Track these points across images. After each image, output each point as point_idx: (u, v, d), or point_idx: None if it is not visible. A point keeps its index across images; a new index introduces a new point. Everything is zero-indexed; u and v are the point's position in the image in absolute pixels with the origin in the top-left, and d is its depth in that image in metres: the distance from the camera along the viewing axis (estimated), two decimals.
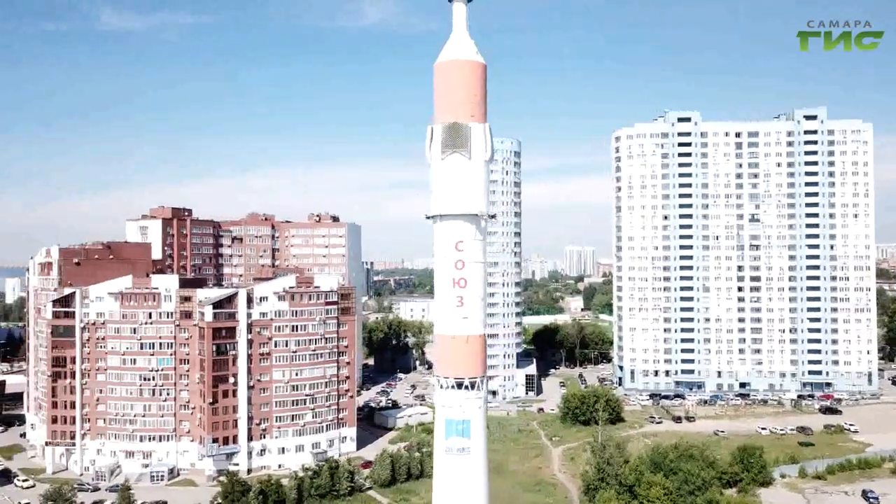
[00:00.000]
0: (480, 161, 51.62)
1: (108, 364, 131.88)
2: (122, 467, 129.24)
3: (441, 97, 51.83)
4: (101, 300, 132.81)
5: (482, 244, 52.54)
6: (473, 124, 51.09)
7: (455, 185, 51.51)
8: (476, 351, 52.33)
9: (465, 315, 51.39)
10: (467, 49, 52.58)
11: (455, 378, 52.67)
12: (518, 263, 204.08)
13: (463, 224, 51.43)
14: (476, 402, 51.86)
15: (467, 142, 50.48)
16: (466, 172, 51.44)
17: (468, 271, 51.08)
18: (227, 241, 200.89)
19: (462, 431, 51.28)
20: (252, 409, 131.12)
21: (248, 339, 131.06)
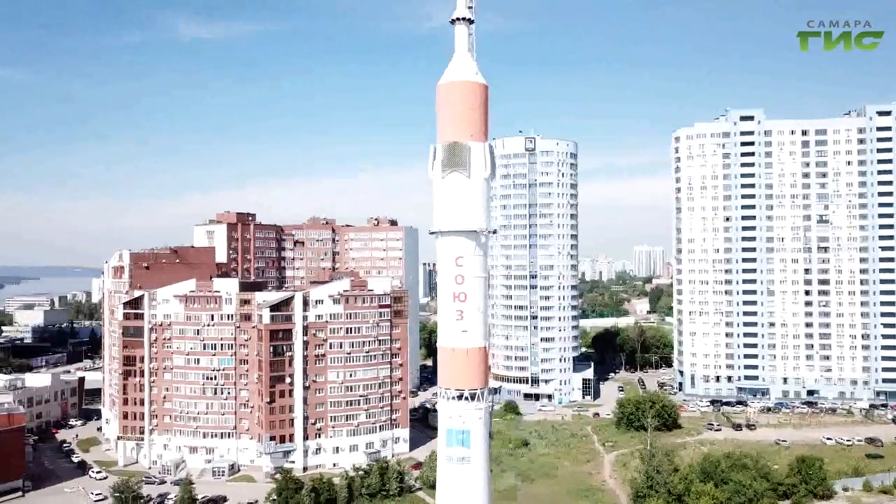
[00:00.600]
0: (480, 179, 52.86)
1: (174, 363, 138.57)
2: (186, 462, 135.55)
3: (442, 117, 53.41)
4: (167, 302, 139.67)
5: (482, 259, 53.78)
6: (473, 143, 52.33)
7: (455, 203, 53.04)
8: (476, 363, 53.53)
9: (465, 328, 52.78)
10: (468, 70, 53.92)
11: (456, 389, 54.06)
12: (574, 266, 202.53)
13: (462, 240, 52.93)
14: (476, 413, 53.04)
15: (467, 161, 51.87)
16: (466, 190, 52.83)
17: (468, 286, 52.55)
18: (289, 244, 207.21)
19: (462, 441, 52.59)
20: (308, 409, 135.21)
21: (304, 341, 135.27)
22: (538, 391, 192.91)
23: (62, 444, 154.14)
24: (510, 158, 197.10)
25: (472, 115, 51.59)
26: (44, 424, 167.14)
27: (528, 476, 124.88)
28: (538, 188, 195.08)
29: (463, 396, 53.51)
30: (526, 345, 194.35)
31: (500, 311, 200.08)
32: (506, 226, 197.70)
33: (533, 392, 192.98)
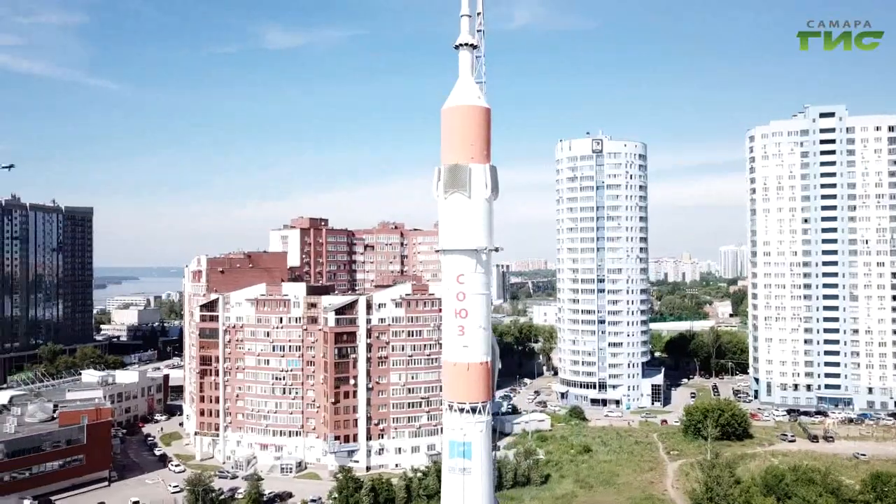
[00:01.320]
0: (480, 200, 53.92)
1: (246, 364, 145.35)
2: (257, 458, 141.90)
3: (445, 140, 55.00)
4: (239, 305, 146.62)
5: (483, 277, 54.87)
6: (474, 165, 53.54)
7: (456, 223, 54.52)
8: (477, 378, 54.47)
9: (466, 344, 53.89)
10: (470, 95, 55.29)
11: (458, 402, 55.18)
12: (644, 269, 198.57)
13: (464, 258, 54.39)
14: (478, 426, 54.02)
15: (467, 182, 53.20)
16: (467, 211, 54.12)
17: (469, 302, 53.95)
18: (359, 248, 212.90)
19: (463, 453, 53.62)
20: (371, 410, 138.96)
21: (368, 344, 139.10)
22: (605, 396, 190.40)
23: (147, 438, 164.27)
24: (577, 161, 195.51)
25: (473, 138, 53.03)
26: (132, 419, 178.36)
27: (586, 483, 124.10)
28: (605, 190, 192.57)
29: (464, 410, 54.72)
30: (593, 350, 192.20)
31: (567, 315, 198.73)
32: (572, 228, 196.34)
33: (600, 397, 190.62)
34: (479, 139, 52.93)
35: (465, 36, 54.98)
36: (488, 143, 54.00)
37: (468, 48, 55.06)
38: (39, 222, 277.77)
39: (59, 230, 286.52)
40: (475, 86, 54.64)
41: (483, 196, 53.07)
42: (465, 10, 54.56)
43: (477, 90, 54.21)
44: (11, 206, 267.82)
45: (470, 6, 55.43)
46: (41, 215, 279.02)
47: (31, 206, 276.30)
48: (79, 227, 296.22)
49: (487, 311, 54.91)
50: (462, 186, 52.18)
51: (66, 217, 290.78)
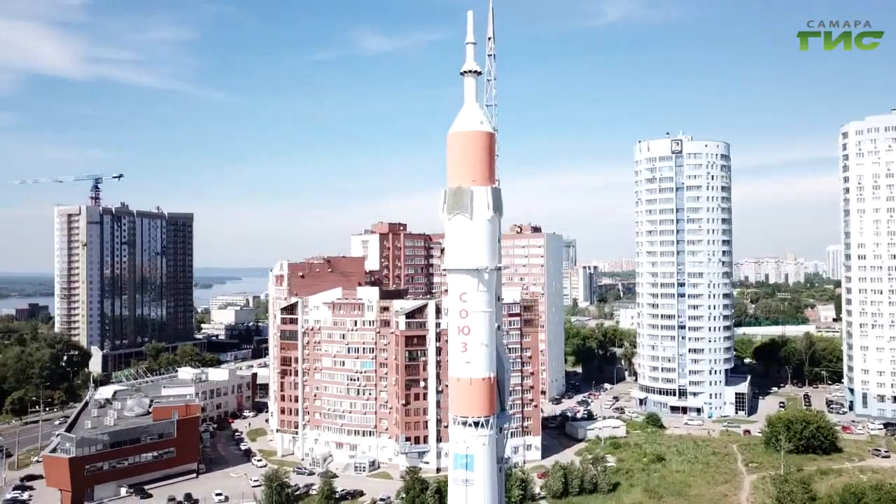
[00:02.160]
0: (482, 221, 55.34)
1: (323, 365, 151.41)
2: (333, 456, 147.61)
3: (450, 164, 57.03)
4: (317, 309, 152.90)
5: (486, 295, 55.91)
6: (476, 188, 55.09)
7: (459, 243, 56.25)
8: (479, 393, 55.48)
9: (468, 360, 55.18)
10: (473, 120, 56.89)
11: (461, 416, 56.33)
12: (727, 273, 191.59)
13: (466, 277, 55.85)
14: (480, 439, 54.98)
15: (469, 204, 54.84)
16: (469, 231, 55.68)
17: (471, 320, 55.36)
18: (436, 252, 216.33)
19: (466, 465, 54.65)
20: (441, 412, 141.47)
21: (437, 347, 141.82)
22: (686, 404, 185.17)
23: (234, 433, 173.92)
24: (655, 162, 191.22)
25: (475, 162, 54.90)
26: (222, 414, 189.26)
27: (656, 493, 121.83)
28: (685, 192, 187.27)
29: (467, 423, 56.00)
30: (673, 355, 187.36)
31: (647, 319, 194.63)
32: (651, 231, 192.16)
33: (680, 405, 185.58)
34: (481, 162, 54.80)
35: (470, 63, 56.89)
36: (491, 165, 55.63)
37: (473, 75, 56.86)
38: (145, 228, 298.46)
39: (162, 235, 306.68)
40: (479, 111, 56.38)
41: (485, 217, 54.80)
42: (469, 38, 56.37)
43: (481, 115, 55.91)
44: (121, 214, 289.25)
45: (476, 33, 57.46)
46: (147, 221, 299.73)
47: (137, 213, 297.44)
48: (180, 231, 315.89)
49: (490, 329, 56.26)
50: (464, 208, 54.26)
51: (169, 223, 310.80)
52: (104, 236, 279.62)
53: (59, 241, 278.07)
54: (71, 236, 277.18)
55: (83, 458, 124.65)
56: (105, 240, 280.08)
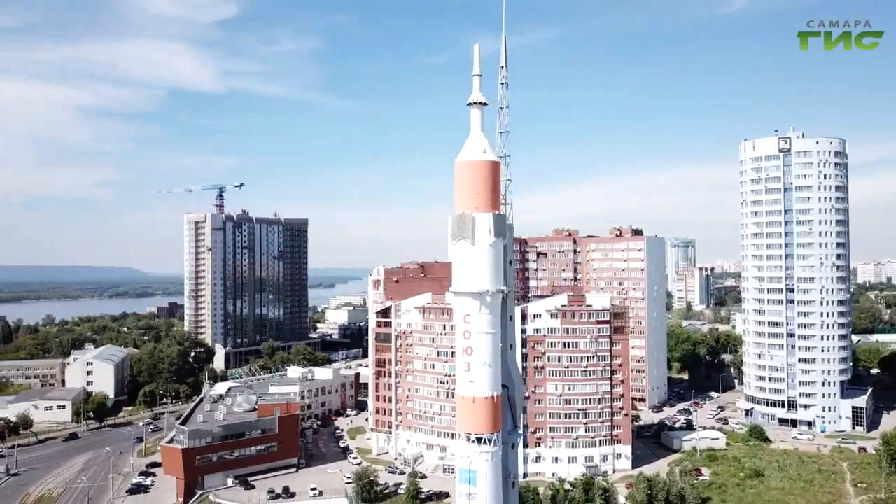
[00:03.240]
0: (484, 246, 56.25)
1: (414, 367, 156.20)
2: (424, 457, 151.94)
3: (456, 191, 58.55)
4: (409, 313, 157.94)
5: (489, 317, 56.49)
6: (478, 214, 56.33)
7: (463, 267, 57.63)
8: (482, 411, 56.10)
9: (472, 379, 55.95)
10: (476, 150, 58.19)
11: (465, 432, 56.98)
12: (843, 278, 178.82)
13: (469, 300, 56.93)
14: (483, 455, 55.56)
15: (472, 230, 55.89)
16: (471, 256, 56.89)
17: (474, 341, 56.14)
18: (532, 256, 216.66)
19: (469, 480, 55.30)
20: (527, 418, 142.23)
21: (524, 353, 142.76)
22: (796, 417, 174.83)
23: (335, 431, 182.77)
24: (761, 161, 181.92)
25: (478, 189, 56.37)
26: (326, 412, 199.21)
27: None
28: (794, 192, 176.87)
29: (470, 439, 56.90)
30: (781, 365, 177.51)
31: (753, 326, 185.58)
32: (757, 234, 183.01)
33: (789, 417, 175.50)
34: (483, 190, 56.15)
35: (476, 95, 58.29)
36: (494, 192, 56.73)
37: (479, 106, 58.04)
38: (264, 233, 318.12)
39: (279, 239, 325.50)
40: (483, 141, 57.56)
41: (486, 242, 56.03)
42: (476, 71, 57.57)
43: (484, 145, 57.15)
44: (241, 220, 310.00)
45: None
46: (265, 227, 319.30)
47: (256, 219, 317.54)
48: (296, 236, 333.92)
49: (494, 350, 57.17)
50: (467, 234, 55.71)
51: (286, 228, 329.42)
52: (226, 241, 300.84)
53: (187, 246, 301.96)
54: (198, 241, 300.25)
55: (194, 449, 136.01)
56: (227, 245, 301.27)
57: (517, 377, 61.11)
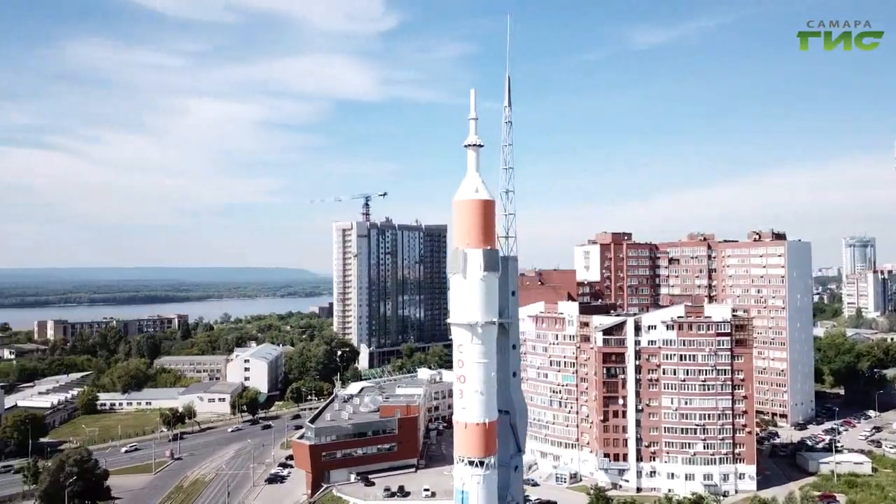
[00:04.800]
0: (475, 280, 57.72)
1: (528, 376, 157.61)
2: (538, 465, 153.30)
3: (453, 227, 59.65)
4: (523, 322, 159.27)
5: (481, 347, 57.57)
6: (469, 250, 57.68)
7: (457, 299, 59.58)
8: (474, 436, 56.82)
9: (464, 406, 56.77)
10: (470, 189, 60.28)
11: (459, 455, 57.35)
12: None
13: (462, 331, 57.77)
14: (475, 478, 56.12)
15: (464, 265, 57.20)
16: (464, 289, 58.91)
17: (467, 370, 57.25)
18: (663, 262, 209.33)
19: (462, 500, 55.38)
20: (641, 431, 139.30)
21: (637, 365, 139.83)
22: None
23: None
24: None
25: (470, 227, 58.63)
26: None
27: None
28: None
29: (463, 462, 57.54)
30: None
31: None
32: None
33: None
34: (475, 227, 58.01)
35: (472, 137, 59.65)
36: (486, 229, 58.33)
37: (475, 148, 59.33)
38: (405, 239, 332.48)
39: (420, 245, 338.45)
40: (477, 181, 59.11)
41: (477, 276, 57.65)
42: (472, 115, 58.82)
43: (477, 184, 58.62)
44: (385, 228, 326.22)
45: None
46: (407, 233, 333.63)
47: (399, 226, 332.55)
48: (436, 241, 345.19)
49: (485, 378, 58.30)
50: (460, 269, 57.34)
51: (426, 234, 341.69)
52: (371, 247, 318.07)
53: (336, 252, 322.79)
54: (345, 247, 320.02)
55: (321, 445, 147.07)
56: (371, 250, 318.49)
57: (519, 404, 62.06)
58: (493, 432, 60.62)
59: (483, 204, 60.62)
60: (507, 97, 62.58)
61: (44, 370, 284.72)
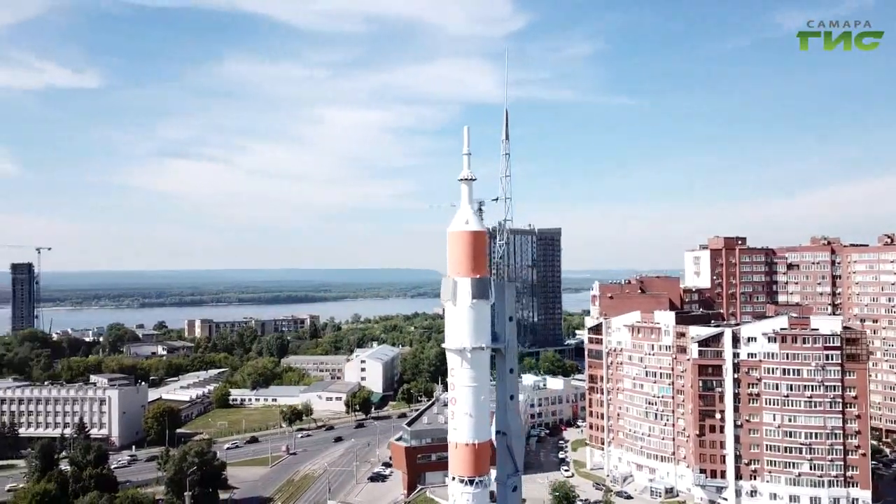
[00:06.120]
0: (464, 307, 60.42)
1: (624, 386, 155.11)
2: (633, 477, 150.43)
3: (448, 257, 61.04)
4: (618, 330, 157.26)
5: (470, 371, 60.26)
6: (459, 279, 59.85)
7: (449, 325, 61.31)
8: (464, 456, 58.82)
9: (455, 427, 57.88)
10: (461, 221, 63.66)
11: (452, 473, 57.89)
12: None
13: (452, 355, 58.91)
14: (464, 496, 57.01)
15: (454, 293, 60.84)
16: (454, 316, 61.42)
17: (458, 392, 60.01)
18: (781, 268, 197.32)
19: None
20: (740, 448, 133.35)
21: (735, 378, 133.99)
22: None
23: (559, 441, 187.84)
24: None
25: (460, 257, 61.83)
26: (557, 421, 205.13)
27: None
28: None
29: (454, 479, 58.35)
30: None
31: None
32: None
33: None
34: (465, 257, 60.90)
35: (465, 172, 62.11)
36: (475, 259, 61.15)
37: (468, 182, 61.15)
38: (518, 243, 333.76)
39: (532, 249, 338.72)
40: (468, 213, 62.41)
41: (466, 304, 59.60)
42: (465, 150, 60.60)
43: (468, 216, 61.71)
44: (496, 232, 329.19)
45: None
46: (519, 238, 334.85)
47: (511, 230, 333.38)
48: (549, 245, 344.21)
49: (475, 401, 60.52)
50: (451, 297, 59.47)
51: (539, 238, 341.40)
52: None
53: None
54: None
55: (416, 448, 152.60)
56: None
57: (515, 425, 63.17)
58: (485, 453, 62.73)
59: (473, 235, 63.10)
60: (504, 130, 64.55)
61: (187, 366, 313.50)
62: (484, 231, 65.95)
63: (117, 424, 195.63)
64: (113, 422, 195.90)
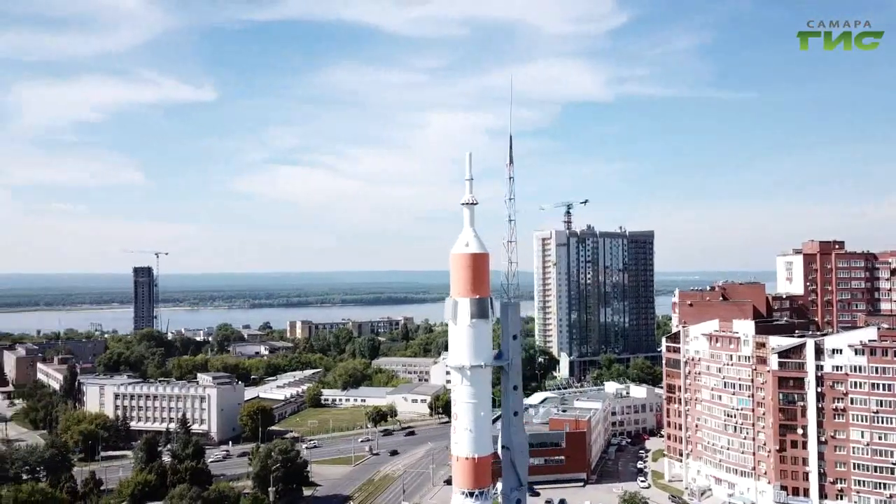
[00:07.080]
0: (464, 326, 61.54)
1: (702, 397, 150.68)
2: (711, 490, 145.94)
3: (451, 278, 61.39)
4: (696, 339, 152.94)
5: (470, 388, 60.85)
6: (460, 299, 61.24)
7: (451, 343, 61.75)
8: (464, 469, 58.79)
9: (456, 441, 58.30)
10: (461, 244, 65.37)
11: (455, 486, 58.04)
12: None
13: (454, 373, 59.52)
14: None
15: (455, 312, 62.00)
16: (455, 334, 62.07)
17: (459, 408, 61.73)
18: (884, 273, 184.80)
19: None
20: (824, 465, 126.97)
21: (819, 392, 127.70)
22: None
23: (639, 450, 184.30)
24: None
25: (461, 278, 63.33)
26: (640, 430, 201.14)
27: None
28: None
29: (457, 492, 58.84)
30: None
31: None
32: None
33: None
34: (465, 278, 62.94)
35: (467, 196, 63.58)
36: (476, 280, 62.66)
37: (470, 206, 62.36)
38: (607, 247, 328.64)
39: (624, 253, 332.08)
40: (470, 236, 64.48)
41: (465, 323, 60.60)
42: (468, 176, 61.60)
43: (469, 239, 63.19)
44: (585, 236, 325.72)
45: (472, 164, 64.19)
46: (609, 241, 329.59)
47: (600, 233, 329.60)
48: (641, 249, 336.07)
49: (474, 417, 61.34)
50: (452, 316, 60.42)
51: (630, 241, 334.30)
52: (570, 256, 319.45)
53: (536, 261, 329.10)
54: (545, 256, 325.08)
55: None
56: (571, 259, 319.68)
57: (518, 441, 63.51)
58: (486, 467, 63.99)
59: (473, 257, 64.59)
60: (508, 155, 65.73)
61: (285, 366, 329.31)
62: (485, 253, 67.82)
63: (216, 421, 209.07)
64: (212, 418, 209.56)
